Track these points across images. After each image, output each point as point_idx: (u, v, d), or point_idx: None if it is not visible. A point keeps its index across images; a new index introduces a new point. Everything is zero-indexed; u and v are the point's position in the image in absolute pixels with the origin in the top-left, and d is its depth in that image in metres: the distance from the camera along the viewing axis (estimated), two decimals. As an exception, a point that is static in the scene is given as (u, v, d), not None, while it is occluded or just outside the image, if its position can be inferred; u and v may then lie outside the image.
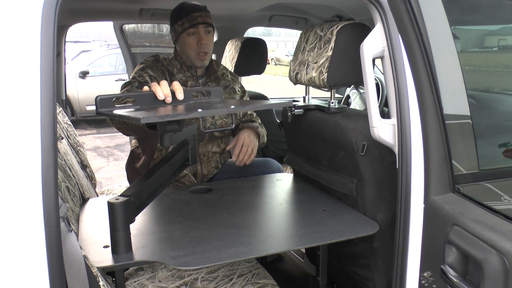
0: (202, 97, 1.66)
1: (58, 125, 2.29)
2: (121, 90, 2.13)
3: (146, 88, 1.51)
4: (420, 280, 1.39)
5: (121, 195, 1.46)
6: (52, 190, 1.00)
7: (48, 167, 0.99)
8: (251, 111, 2.60)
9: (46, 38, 0.99)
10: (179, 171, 1.77)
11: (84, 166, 2.51)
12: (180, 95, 1.49)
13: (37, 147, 0.98)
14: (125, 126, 1.94)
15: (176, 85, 1.50)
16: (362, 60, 1.49)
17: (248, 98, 2.61)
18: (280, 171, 2.58)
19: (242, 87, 2.60)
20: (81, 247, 1.18)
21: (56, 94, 1.01)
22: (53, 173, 1.00)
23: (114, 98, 1.39)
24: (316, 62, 1.79)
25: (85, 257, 1.16)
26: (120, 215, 1.42)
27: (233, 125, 1.65)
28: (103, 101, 1.35)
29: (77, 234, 1.61)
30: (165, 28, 4.15)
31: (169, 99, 1.46)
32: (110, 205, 1.42)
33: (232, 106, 1.46)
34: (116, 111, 1.33)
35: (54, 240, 1.01)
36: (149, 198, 1.59)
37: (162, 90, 1.46)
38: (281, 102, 1.67)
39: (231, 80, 2.53)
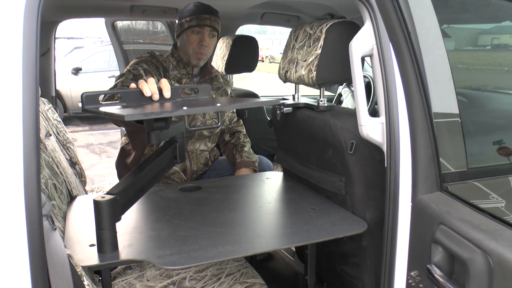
0: (191, 95, 1.65)
1: (47, 122, 2.27)
2: (115, 82, 2.13)
3: (133, 85, 1.49)
4: (407, 279, 1.38)
5: (108, 193, 1.44)
6: (35, 188, 0.99)
7: (30, 164, 0.98)
8: (236, 120, 2.66)
9: (29, 33, 0.98)
10: (167, 168, 1.76)
11: (73, 163, 2.49)
12: (167, 93, 1.47)
13: (19, 143, 0.97)
14: None
15: (164, 83, 1.49)
16: (351, 59, 1.48)
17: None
18: (270, 169, 2.58)
19: (231, 92, 2.62)
20: (65, 246, 1.16)
21: (38, 90, 1.00)
22: (35, 170, 0.99)
23: (102, 95, 1.39)
24: (305, 60, 1.79)
25: (69, 256, 1.14)
26: (106, 214, 1.41)
27: (220, 124, 1.65)
28: (89, 98, 1.35)
29: (63, 232, 1.60)
30: (159, 25, 4.14)
31: (156, 97, 1.45)
32: (96, 203, 1.40)
33: (218, 104, 1.44)
34: (102, 108, 1.32)
35: (37, 239, 1.00)
36: (136, 196, 1.58)
37: (149, 87, 1.44)
38: (269, 100, 1.66)
39: (223, 83, 2.56)
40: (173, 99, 1.51)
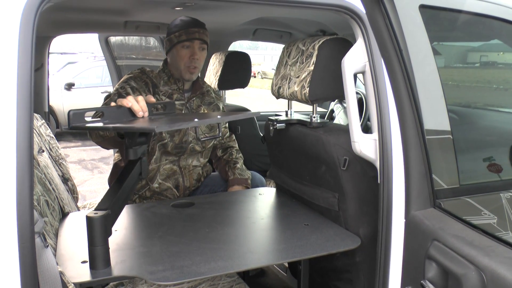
0: (157, 111, 1.76)
1: (40, 138, 2.26)
2: (103, 102, 2.13)
3: (113, 103, 1.55)
4: (401, 296, 1.38)
5: (97, 208, 1.44)
6: (27, 205, 0.98)
7: (23, 181, 0.97)
8: (229, 135, 2.67)
9: (24, 49, 0.98)
10: (136, 184, 1.84)
11: (66, 179, 2.47)
12: (146, 114, 1.59)
13: (13, 160, 0.96)
14: (101, 140, 2.02)
15: (141, 103, 1.57)
16: (343, 75, 1.49)
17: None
18: (263, 185, 2.58)
19: (224, 106, 2.63)
20: (57, 263, 1.16)
21: (32, 106, 1.00)
22: (28, 187, 0.98)
23: (93, 112, 1.41)
24: (298, 77, 1.80)
25: (61, 273, 1.13)
26: (99, 229, 1.40)
27: (219, 134, 1.72)
28: (76, 115, 1.35)
29: (55, 249, 1.59)
30: (152, 40, 4.16)
31: (140, 114, 1.56)
32: (89, 219, 1.39)
33: (219, 116, 1.57)
34: (110, 124, 1.37)
35: (28, 256, 0.99)
36: (120, 209, 1.58)
37: (132, 103, 1.53)
38: (264, 112, 1.74)
39: (215, 98, 2.55)
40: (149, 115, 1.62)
